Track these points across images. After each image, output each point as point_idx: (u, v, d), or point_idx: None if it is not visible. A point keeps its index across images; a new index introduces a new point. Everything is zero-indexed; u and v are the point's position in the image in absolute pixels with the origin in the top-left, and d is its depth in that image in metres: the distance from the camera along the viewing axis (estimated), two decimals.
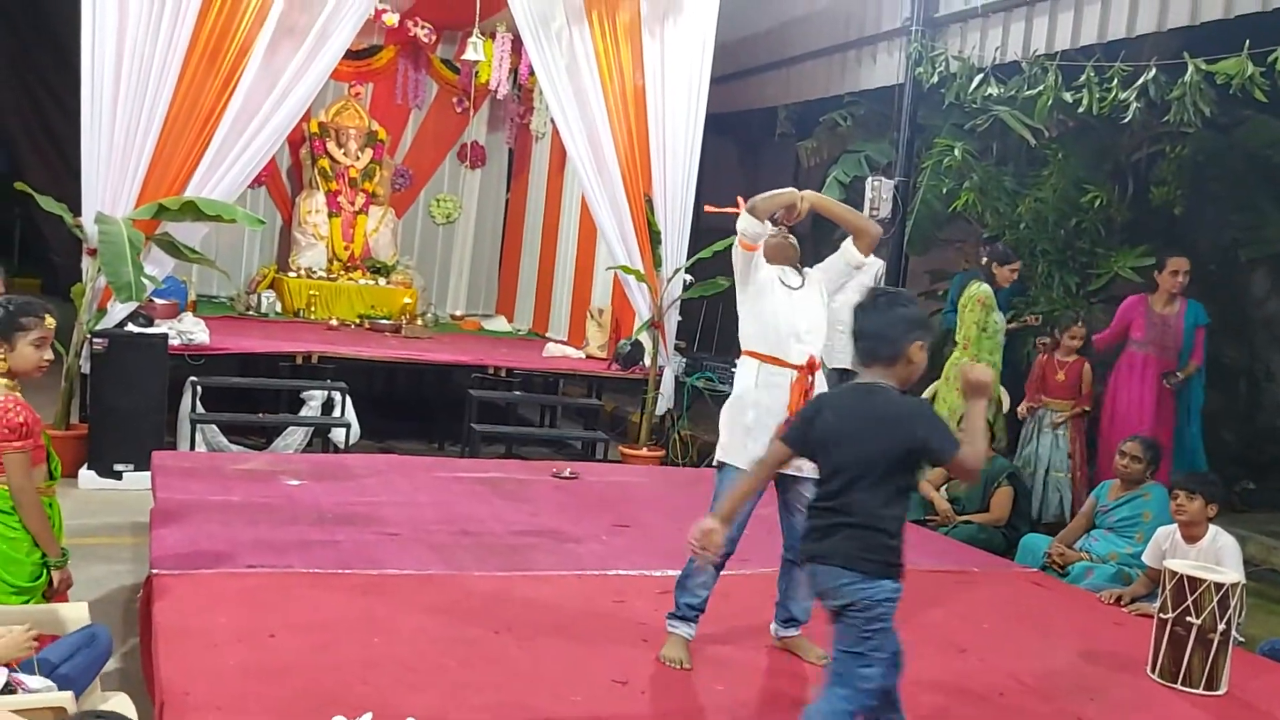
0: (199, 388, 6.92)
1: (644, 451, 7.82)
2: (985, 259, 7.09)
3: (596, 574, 4.39)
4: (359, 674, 3.18)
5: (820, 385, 3.62)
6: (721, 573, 3.65)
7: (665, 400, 8.13)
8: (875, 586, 2.67)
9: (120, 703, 2.84)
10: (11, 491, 3.17)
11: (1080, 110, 7.09)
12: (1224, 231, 8.02)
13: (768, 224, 3.65)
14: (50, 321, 3.34)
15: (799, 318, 3.64)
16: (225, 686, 3.01)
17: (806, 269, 3.79)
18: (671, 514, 5.51)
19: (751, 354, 3.69)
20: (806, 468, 3.25)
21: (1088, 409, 6.90)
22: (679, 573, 3.65)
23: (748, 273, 3.64)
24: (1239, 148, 7.53)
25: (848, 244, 3.77)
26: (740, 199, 3.70)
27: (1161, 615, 3.82)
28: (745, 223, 3.61)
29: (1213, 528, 4.46)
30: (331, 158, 10.32)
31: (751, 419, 3.62)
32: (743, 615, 4.02)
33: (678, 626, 3.57)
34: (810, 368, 3.60)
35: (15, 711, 2.40)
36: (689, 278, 8.21)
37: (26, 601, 3.20)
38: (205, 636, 3.33)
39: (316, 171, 10.32)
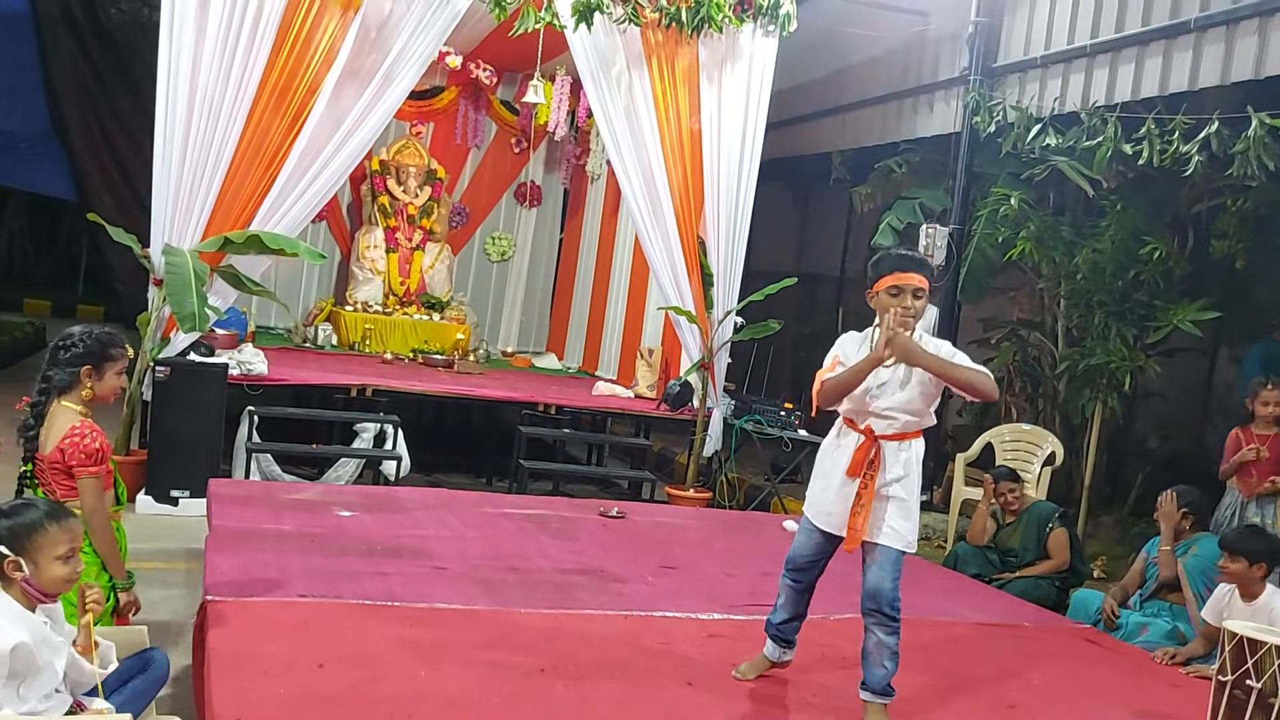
0: (256, 417, 7.05)
1: (690, 493, 7.81)
2: None
3: (643, 615, 4.38)
4: (406, 708, 3.20)
5: (889, 456, 3.40)
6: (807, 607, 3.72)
7: (713, 442, 8.13)
8: None
9: None
10: (85, 515, 3.26)
11: (1140, 162, 7.05)
12: None
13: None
14: (130, 351, 3.48)
15: (881, 391, 3.42)
16: (275, 715, 3.05)
17: (928, 336, 3.47)
18: (718, 557, 5.50)
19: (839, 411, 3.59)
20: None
21: None
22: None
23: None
24: None
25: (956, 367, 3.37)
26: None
27: (1220, 677, 3.72)
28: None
29: (1270, 587, 4.35)
30: (391, 195, 10.53)
31: (818, 470, 3.61)
32: (794, 662, 4.00)
33: (766, 643, 3.65)
34: (875, 437, 3.41)
35: None
36: (740, 320, 8.22)
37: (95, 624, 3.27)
38: (256, 664, 3.37)
39: (376, 208, 10.52)
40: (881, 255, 3.46)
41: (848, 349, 3.48)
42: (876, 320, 3.40)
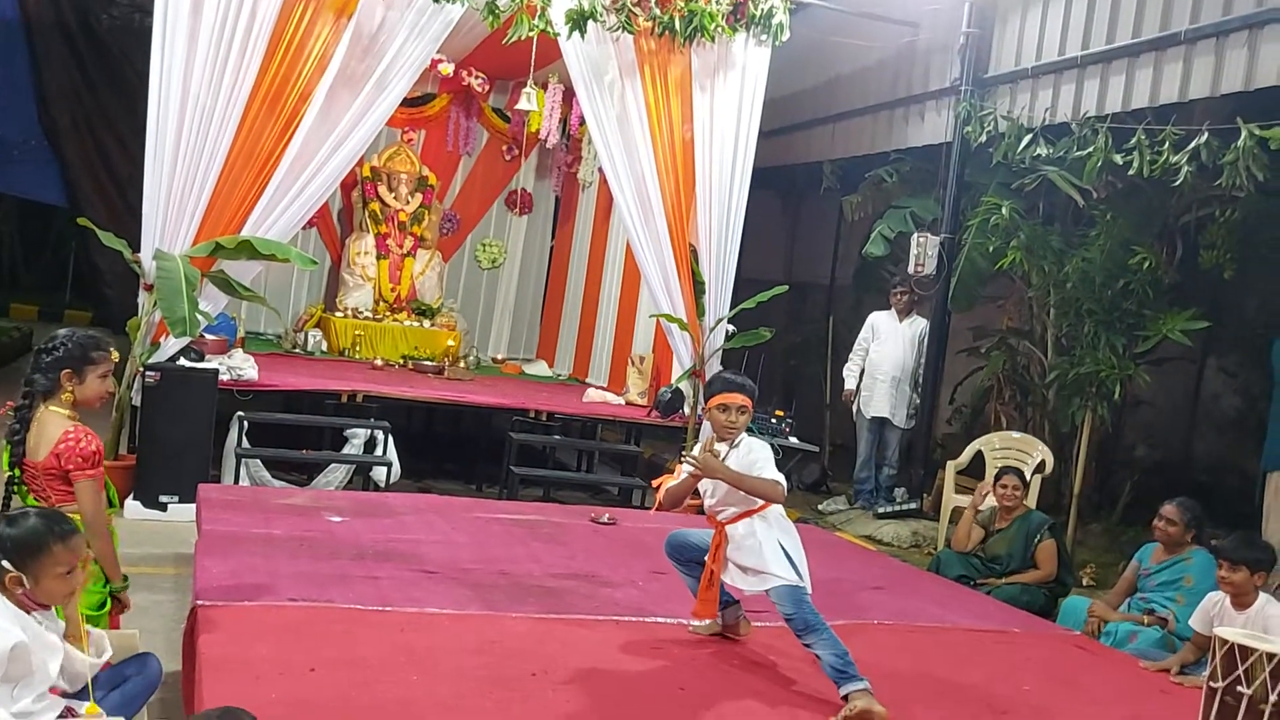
0: (245, 423, 7.03)
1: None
2: None
3: (634, 619, 4.38)
4: (397, 712, 3.19)
5: (734, 533, 3.92)
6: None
7: None
8: None
9: None
10: (84, 518, 3.24)
11: (1130, 172, 7.09)
12: (1273, 296, 7.94)
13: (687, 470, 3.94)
14: (115, 355, 3.45)
15: (712, 491, 3.99)
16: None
17: (747, 439, 3.99)
18: None
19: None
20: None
21: None
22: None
23: None
24: None
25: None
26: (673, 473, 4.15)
27: (1211, 684, 3.73)
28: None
29: (1263, 595, 4.36)
30: (382, 201, 10.52)
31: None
32: (777, 667, 4.00)
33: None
34: (720, 526, 3.95)
35: None
36: (731, 328, 8.24)
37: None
38: (247, 669, 3.36)
39: (367, 214, 10.52)
40: (712, 378, 4.18)
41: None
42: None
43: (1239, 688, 3.63)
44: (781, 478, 3.88)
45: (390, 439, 7.35)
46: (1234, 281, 7.76)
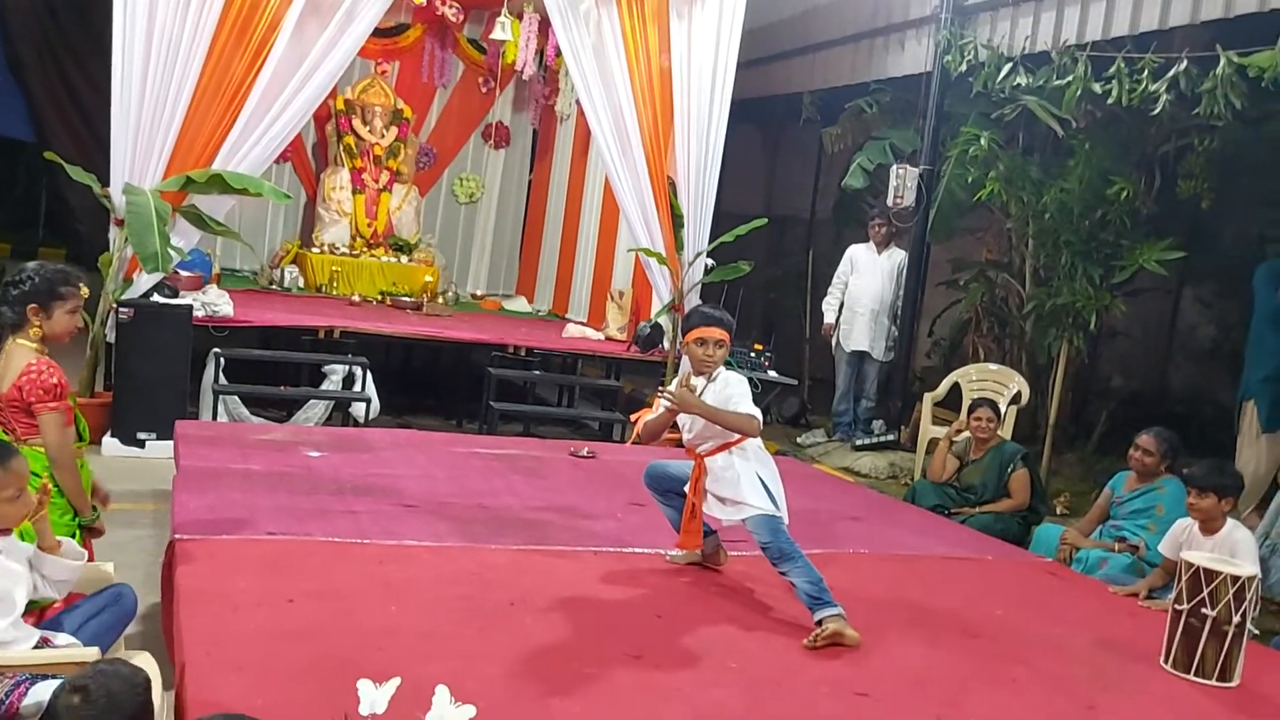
0: (222, 359, 6.99)
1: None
2: None
3: (612, 550, 4.42)
4: (376, 641, 3.22)
5: (713, 466, 3.94)
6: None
7: None
8: None
9: (144, 661, 2.88)
10: (49, 451, 3.23)
11: (1109, 101, 7.06)
12: (1250, 226, 7.96)
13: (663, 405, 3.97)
14: (84, 290, 3.42)
15: (690, 426, 4.03)
16: (245, 649, 3.05)
17: (724, 373, 3.98)
18: None
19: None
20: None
21: None
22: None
23: None
24: (1268, 142, 7.46)
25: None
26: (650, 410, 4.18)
27: (1177, 606, 3.81)
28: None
29: (1230, 521, 4.43)
30: (357, 135, 10.36)
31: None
32: (754, 595, 4.06)
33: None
34: (699, 458, 3.98)
35: (44, 665, 2.45)
36: (710, 261, 8.21)
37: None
38: (226, 600, 3.38)
39: (341, 148, 10.36)
40: (689, 312, 4.14)
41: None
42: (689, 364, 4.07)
43: (1204, 610, 3.72)
44: (757, 411, 3.90)
45: (369, 375, 7.33)
46: (1211, 211, 7.77)
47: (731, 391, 3.92)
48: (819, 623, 3.61)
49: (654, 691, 3.13)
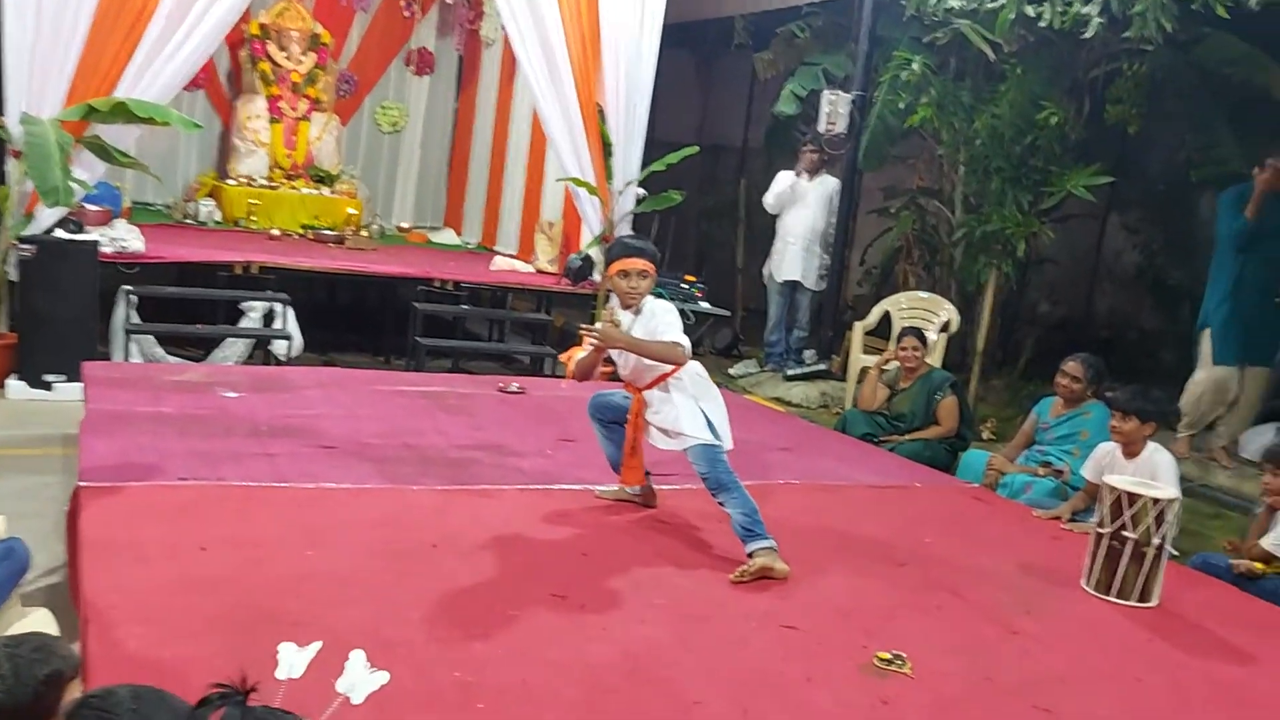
0: (134, 297, 6.72)
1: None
2: None
3: (539, 488, 4.34)
4: (292, 588, 3.12)
5: (652, 398, 3.90)
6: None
7: None
8: None
9: (40, 618, 2.76)
10: None
11: (1041, 25, 6.99)
12: (1177, 151, 8.01)
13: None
14: None
15: (622, 362, 4.01)
16: (153, 600, 2.93)
17: (652, 303, 3.92)
18: None
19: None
20: None
21: None
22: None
23: None
24: (1197, 66, 7.48)
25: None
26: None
27: (1099, 529, 3.86)
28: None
29: (1151, 444, 4.49)
30: (273, 61, 9.94)
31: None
32: (683, 530, 4.02)
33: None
34: (637, 390, 3.94)
35: None
36: (641, 191, 8.07)
37: None
38: (133, 550, 3.24)
39: (257, 75, 9.94)
40: (611, 244, 4.10)
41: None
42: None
43: (1125, 532, 3.77)
44: (684, 339, 3.82)
45: (290, 312, 7.11)
46: (1139, 137, 7.81)
47: (658, 322, 3.85)
48: (750, 555, 3.58)
49: (579, 631, 3.08)
